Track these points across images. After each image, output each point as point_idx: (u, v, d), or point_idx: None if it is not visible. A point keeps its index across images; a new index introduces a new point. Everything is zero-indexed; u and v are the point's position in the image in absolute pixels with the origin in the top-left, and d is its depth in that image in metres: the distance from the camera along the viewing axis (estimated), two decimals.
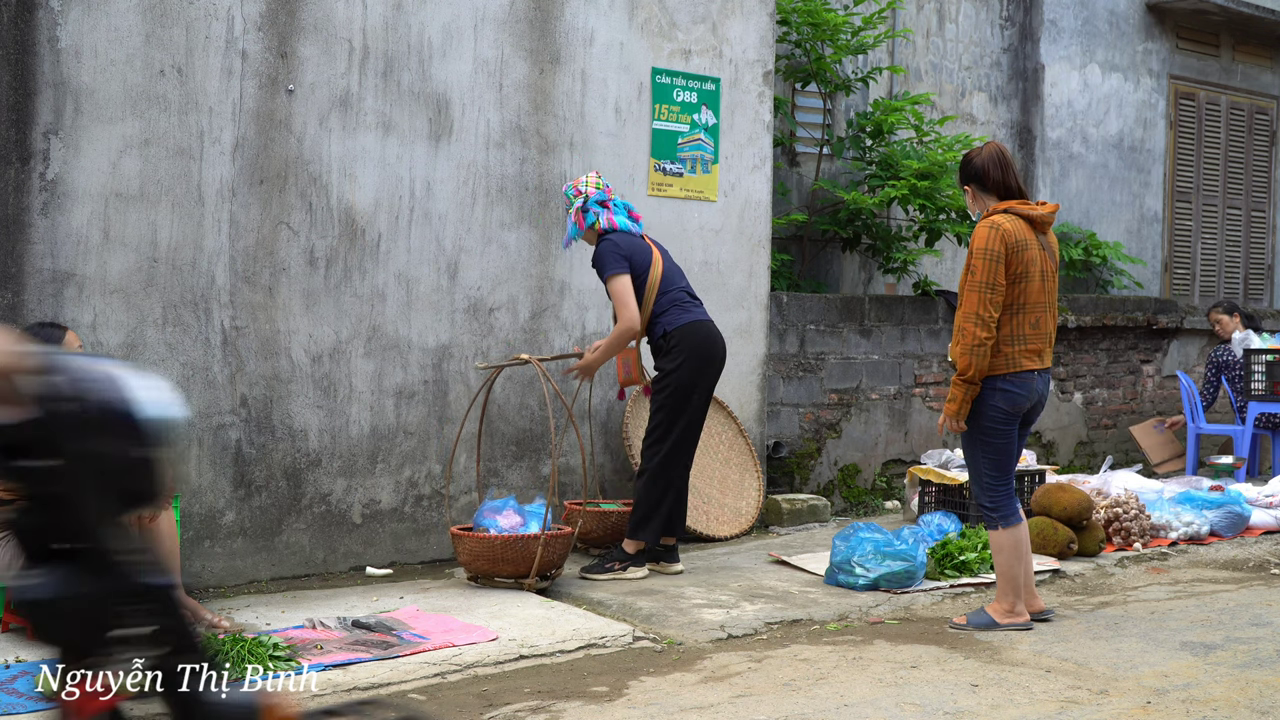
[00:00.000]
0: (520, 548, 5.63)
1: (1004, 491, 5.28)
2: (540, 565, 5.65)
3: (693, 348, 5.96)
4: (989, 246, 5.10)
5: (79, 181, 5.33)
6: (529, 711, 4.18)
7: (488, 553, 5.66)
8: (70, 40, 5.29)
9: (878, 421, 8.41)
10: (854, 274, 9.63)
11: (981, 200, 5.30)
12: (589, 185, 6.09)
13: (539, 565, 5.64)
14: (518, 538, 5.63)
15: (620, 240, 5.99)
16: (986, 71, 10.59)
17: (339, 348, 6.03)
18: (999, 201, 5.25)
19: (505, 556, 5.63)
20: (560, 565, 5.84)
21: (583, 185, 6.09)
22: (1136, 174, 11.41)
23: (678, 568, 6.16)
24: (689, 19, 7.17)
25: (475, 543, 5.68)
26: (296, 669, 4.45)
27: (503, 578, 5.71)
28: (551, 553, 5.70)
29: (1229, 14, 11.50)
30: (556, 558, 5.76)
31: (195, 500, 5.65)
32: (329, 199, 5.97)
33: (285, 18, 5.82)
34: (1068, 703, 4.29)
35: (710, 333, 6.05)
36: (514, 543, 5.63)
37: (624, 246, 5.98)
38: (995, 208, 5.24)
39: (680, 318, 5.98)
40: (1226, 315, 9.70)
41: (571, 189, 6.11)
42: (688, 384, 5.95)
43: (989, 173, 5.27)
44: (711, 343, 6.04)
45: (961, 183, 5.36)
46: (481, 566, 5.71)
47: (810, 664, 4.75)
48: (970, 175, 5.31)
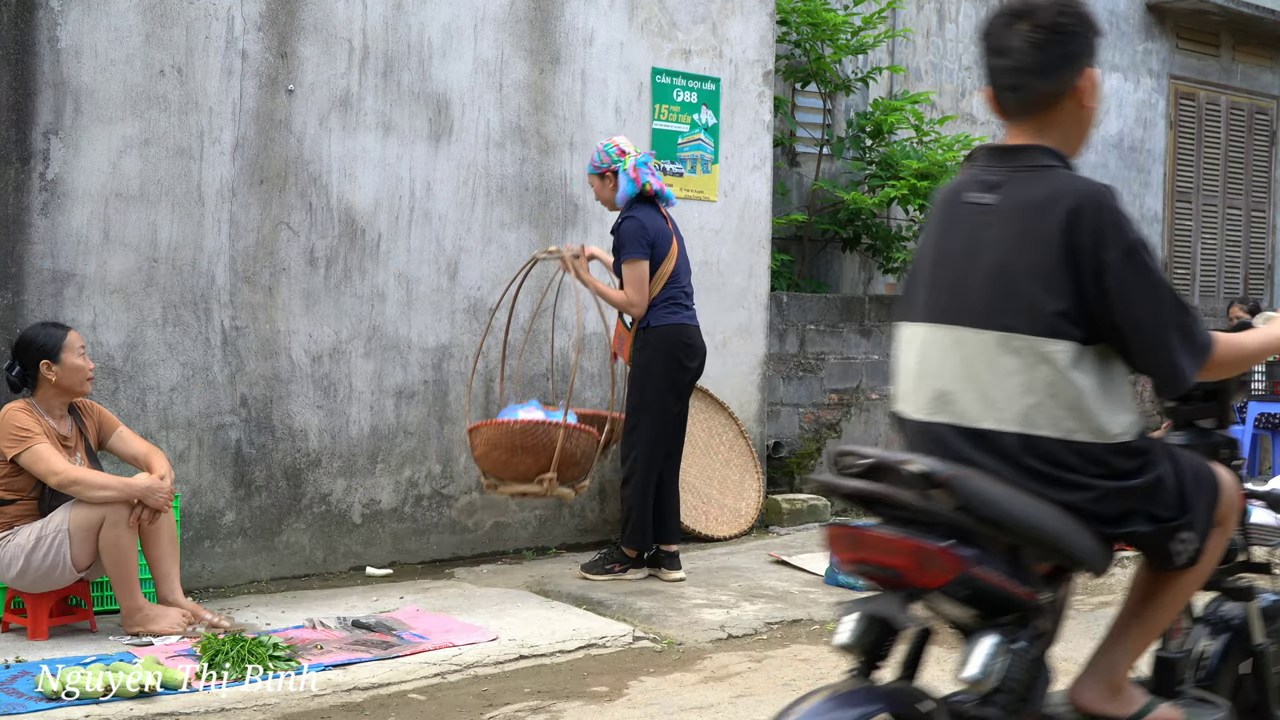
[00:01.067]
0: (540, 434, 5.30)
1: None
2: (561, 458, 5.32)
3: (669, 350, 5.86)
4: None
5: (79, 181, 5.33)
6: (529, 711, 4.18)
7: (505, 440, 5.35)
8: (70, 40, 5.29)
9: (878, 421, 8.41)
10: (854, 274, 9.63)
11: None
12: (629, 146, 5.98)
13: (559, 458, 5.30)
14: (538, 422, 5.32)
15: (647, 222, 5.85)
16: None
17: (339, 348, 6.03)
18: None
19: (524, 444, 5.30)
20: (585, 475, 5.56)
21: (624, 145, 5.97)
22: (1136, 174, 11.41)
23: (677, 575, 5.99)
24: (689, 19, 7.17)
25: (492, 430, 5.37)
26: (296, 669, 4.45)
27: (519, 481, 5.39)
28: (575, 447, 5.36)
29: (1229, 14, 11.50)
30: (581, 458, 5.43)
31: (195, 500, 5.65)
32: (329, 199, 5.97)
33: (285, 18, 5.82)
34: None
35: (694, 337, 5.97)
36: (533, 428, 5.29)
37: (650, 230, 5.85)
38: None
39: (668, 318, 5.88)
40: (1249, 314, 9.70)
41: (612, 147, 5.95)
42: (663, 385, 5.86)
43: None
44: (692, 347, 5.95)
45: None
46: (499, 459, 5.40)
47: (810, 664, 4.75)
48: None
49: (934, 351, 2.47)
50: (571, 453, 5.45)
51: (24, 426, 4.74)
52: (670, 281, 5.92)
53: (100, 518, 4.72)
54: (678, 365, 5.90)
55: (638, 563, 6.04)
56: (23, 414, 4.78)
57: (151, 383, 5.53)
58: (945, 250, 2.50)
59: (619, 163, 5.92)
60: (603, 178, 5.99)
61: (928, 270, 2.52)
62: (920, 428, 2.49)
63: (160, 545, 4.90)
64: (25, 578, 4.72)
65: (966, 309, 2.42)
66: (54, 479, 4.73)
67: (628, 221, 5.86)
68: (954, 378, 2.43)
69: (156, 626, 4.81)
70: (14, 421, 4.75)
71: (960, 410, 2.42)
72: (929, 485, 2.25)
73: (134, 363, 5.49)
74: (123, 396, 5.46)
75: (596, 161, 6.00)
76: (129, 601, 4.81)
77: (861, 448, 2.38)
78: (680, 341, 5.91)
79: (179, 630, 4.81)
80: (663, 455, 5.96)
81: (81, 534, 4.71)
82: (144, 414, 5.50)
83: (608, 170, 5.96)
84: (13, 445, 4.73)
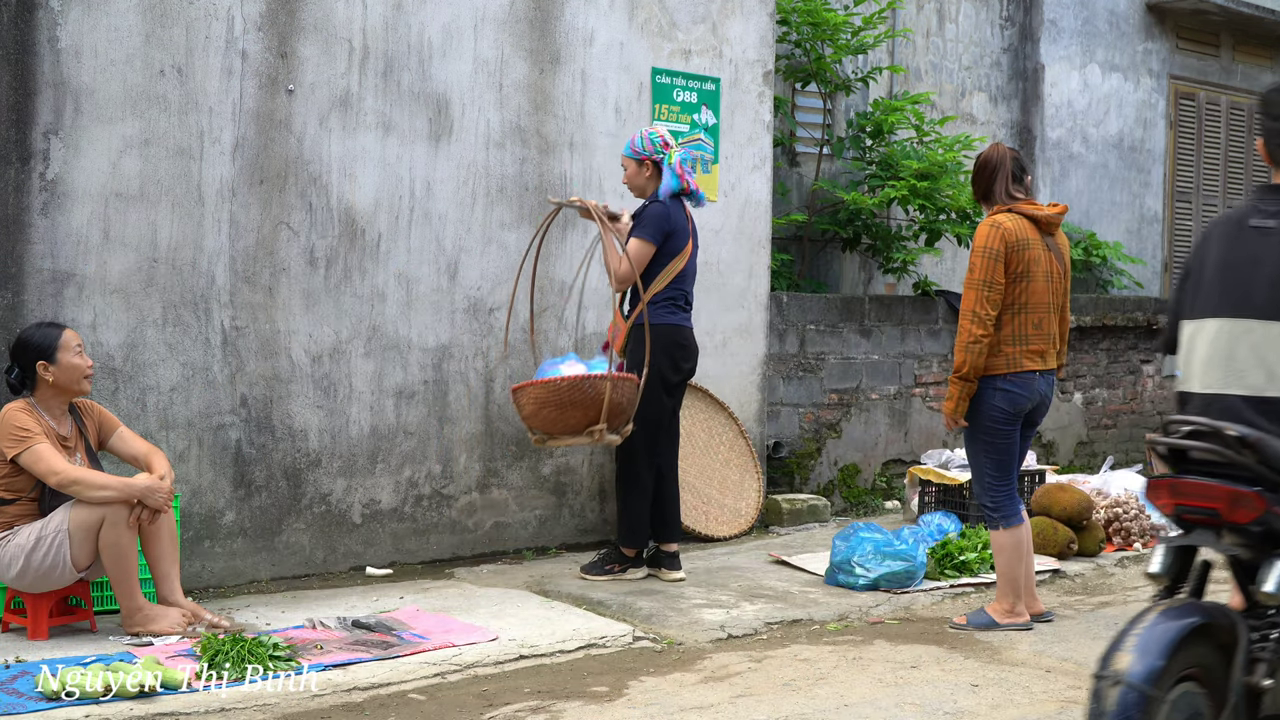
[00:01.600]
0: (588, 388, 5.44)
1: (1006, 492, 5.28)
2: (610, 408, 5.48)
3: (665, 348, 5.86)
4: (988, 245, 5.12)
5: (79, 181, 5.33)
6: (529, 711, 4.19)
7: (554, 398, 5.47)
8: (70, 40, 5.29)
9: (878, 421, 8.41)
10: (854, 274, 9.63)
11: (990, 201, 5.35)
12: (671, 139, 5.98)
13: (609, 409, 5.48)
14: (585, 377, 5.48)
15: (674, 215, 5.89)
16: (986, 71, 10.60)
17: (339, 348, 6.03)
18: (1009, 202, 5.26)
19: (573, 400, 5.45)
20: (628, 421, 5.69)
21: (668, 137, 5.97)
22: (1136, 174, 11.41)
23: (677, 575, 5.99)
24: (689, 19, 7.17)
25: (539, 389, 5.50)
26: (296, 669, 4.45)
27: (570, 434, 5.55)
28: (621, 396, 5.53)
29: (1229, 14, 11.50)
30: (627, 405, 5.60)
31: (195, 500, 5.65)
32: (329, 199, 5.97)
33: (285, 18, 5.82)
34: (1068, 703, 4.29)
35: (689, 339, 6.00)
36: (580, 383, 5.45)
37: (673, 222, 5.88)
38: (999, 207, 5.25)
39: (667, 317, 5.89)
40: None
41: (657, 136, 5.93)
42: (656, 385, 5.85)
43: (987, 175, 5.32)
44: (687, 349, 5.99)
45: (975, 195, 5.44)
46: (549, 416, 5.52)
47: (810, 664, 4.75)
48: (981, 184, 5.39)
49: (1226, 339, 3.27)
50: (619, 402, 5.58)
51: (24, 427, 4.74)
52: (676, 281, 5.93)
53: (100, 518, 4.72)
54: (671, 365, 5.91)
55: (637, 562, 6.04)
56: (23, 414, 4.78)
57: (151, 383, 5.53)
58: (1232, 262, 3.32)
59: (662, 154, 5.92)
60: (640, 164, 5.96)
61: (1215, 278, 3.33)
62: (1211, 399, 3.27)
63: (160, 545, 4.90)
64: (25, 578, 4.72)
65: (1255, 306, 3.24)
66: (54, 479, 4.73)
67: (656, 206, 5.89)
68: (1245, 359, 3.24)
69: (156, 626, 4.81)
70: (14, 422, 4.75)
71: (1250, 383, 3.22)
72: (1242, 446, 3.08)
73: (134, 363, 5.49)
74: (123, 396, 5.46)
75: (639, 147, 5.95)
76: (129, 601, 4.81)
77: (1186, 417, 3.20)
78: (676, 342, 5.93)
79: (179, 630, 4.81)
80: (656, 453, 5.98)
81: (81, 534, 4.71)
82: (144, 414, 5.50)
83: (648, 159, 5.94)
84: (13, 445, 4.73)
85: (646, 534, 6.00)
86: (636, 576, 6.01)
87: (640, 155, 5.95)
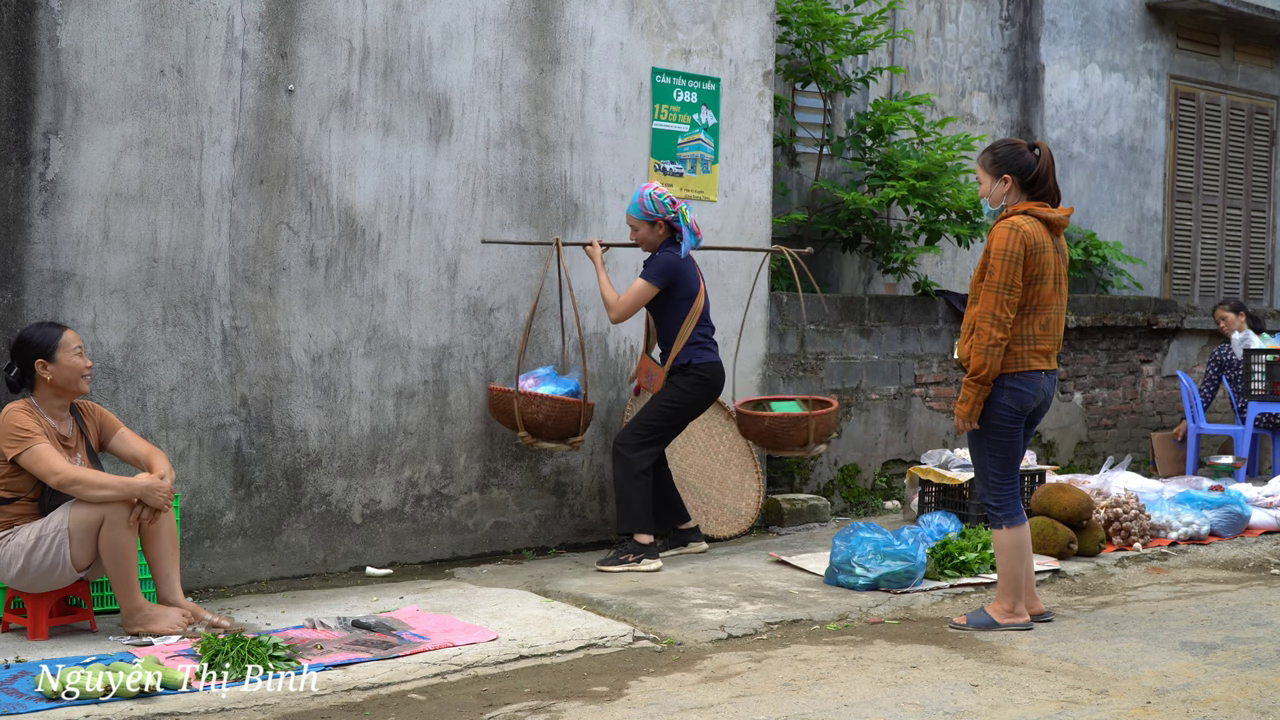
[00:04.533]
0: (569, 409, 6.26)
1: (1009, 491, 5.28)
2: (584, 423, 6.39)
3: (706, 382, 6.36)
4: (1009, 248, 5.07)
5: (79, 181, 5.33)
6: (529, 711, 4.19)
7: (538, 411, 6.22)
8: (70, 40, 5.29)
9: (878, 421, 8.41)
10: (854, 274, 9.63)
11: (1011, 196, 5.23)
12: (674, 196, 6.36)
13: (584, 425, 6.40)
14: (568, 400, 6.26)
15: (683, 265, 6.30)
16: (986, 71, 10.60)
17: (339, 348, 6.03)
18: (1024, 202, 5.21)
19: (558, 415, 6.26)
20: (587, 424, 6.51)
21: (671, 195, 6.31)
22: (1136, 174, 11.41)
23: (702, 546, 6.64)
24: (689, 19, 7.17)
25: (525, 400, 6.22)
26: (296, 669, 4.45)
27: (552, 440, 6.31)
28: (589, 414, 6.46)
29: (1229, 14, 11.50)
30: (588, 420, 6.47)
31: (195, 500, 5.65)
32: (329, 199, 5.97)
33: (285, 18, 5.82)
34: (1068, 703, 4.29)
35: (721, 374, 6.45)
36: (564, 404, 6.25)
37: (683, 271, 6.30)
38: (1015, 208, 5.20)
39: (704, 356, 6.35)
40: (1232, 313, 9.69)
41: (665, 198, 6.25)
42: (690, 409, 6.40)
43: (1043, 177, 5.21)
44: (720, 383, 6.47)
45: (1001, 171, 5.23)
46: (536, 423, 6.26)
47: (810, 664, 4.75)
48: (1019, 169, 5.20)
49: None
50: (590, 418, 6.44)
51: (24, 426, 4.74)
52: (702, 320, 6.36)
53: (100, 517, 4.72)
54: (702, 401, 6.43)
55: (652, 553, 6.21)
56: (23, 414, 4.78)
57: (151, 383, 5.53)
58: None
59: (674, 214, 6.28)
60: (653, 225, 6.31)
61: None
62: None
63: (160, 545, 4.90)
64: (25, 577, 4.72)
65: None
66: (54, 479, 4.73)
67: (667, 253, 6.29)
68: None
69: (156, 626, 4.81)
70: (14, 422, 4.75)
71: None
72: None
73: (134, 363, 5.49)
74: (123, 396, 5.46)
75: (650, 210, 6.27)
76: (129, 601, 4.81)
77: None
78: (714, 383, 6.41)
79: (179, 630, 4.81)
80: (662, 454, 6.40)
81: (81, 534, 4.71)
82: (144, 414, 5.50)
83: (660, 219, 6.28)
84: (13, 445, 4.73)
85: (651, 518, 6.29)
86: (651, 567, 6.18)
87: (653, 217, 6.28)
